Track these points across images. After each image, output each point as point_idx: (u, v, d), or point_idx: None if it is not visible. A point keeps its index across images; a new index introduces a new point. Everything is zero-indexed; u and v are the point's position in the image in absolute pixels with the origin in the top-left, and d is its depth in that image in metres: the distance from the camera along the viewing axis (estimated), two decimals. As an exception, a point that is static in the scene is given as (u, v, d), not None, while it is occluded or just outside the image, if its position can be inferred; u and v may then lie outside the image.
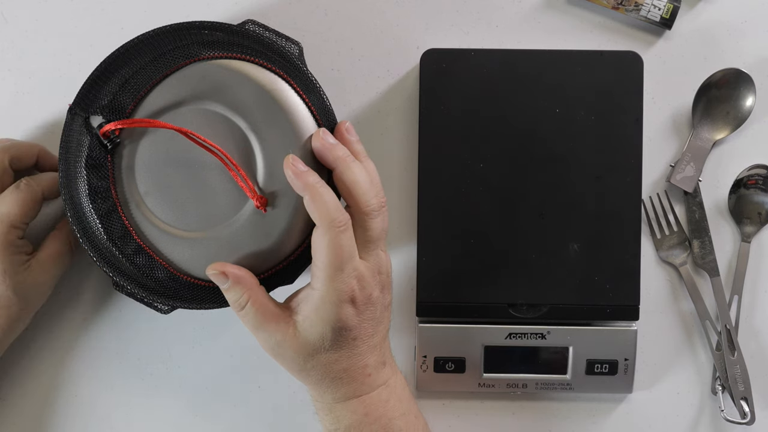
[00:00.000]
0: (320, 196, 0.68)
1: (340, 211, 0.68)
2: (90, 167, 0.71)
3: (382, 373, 0.73)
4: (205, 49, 0.72)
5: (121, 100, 0.71)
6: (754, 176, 0.83)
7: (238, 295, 0.70)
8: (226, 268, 0.70)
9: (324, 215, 0.68)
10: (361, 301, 0.70)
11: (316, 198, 0.68)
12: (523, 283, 0.81)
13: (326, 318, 0.69)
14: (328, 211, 0.68)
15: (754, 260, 0.84)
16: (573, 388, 0.82)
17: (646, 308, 0.83)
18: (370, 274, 0.70)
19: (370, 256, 0.71)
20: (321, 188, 0.68)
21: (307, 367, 0.71)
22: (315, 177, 0.69)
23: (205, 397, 0.85)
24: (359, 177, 0.70)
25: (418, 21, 0.84)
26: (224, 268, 0.70)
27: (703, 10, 0.83)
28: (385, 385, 0.73)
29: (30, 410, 0.84)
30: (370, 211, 0.70)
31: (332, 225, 0.68)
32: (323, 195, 0.68)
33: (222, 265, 0.70)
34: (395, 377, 0.75)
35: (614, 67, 0.80)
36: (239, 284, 0.70)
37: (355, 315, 0.70)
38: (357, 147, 0.72)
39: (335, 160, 0.70)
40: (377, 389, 0.73)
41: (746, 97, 0.83)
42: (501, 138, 0.81)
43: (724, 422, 0.83)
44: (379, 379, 0.73)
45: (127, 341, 0.84)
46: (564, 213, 0.81)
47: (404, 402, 0.75)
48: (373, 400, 0.73)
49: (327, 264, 0.68)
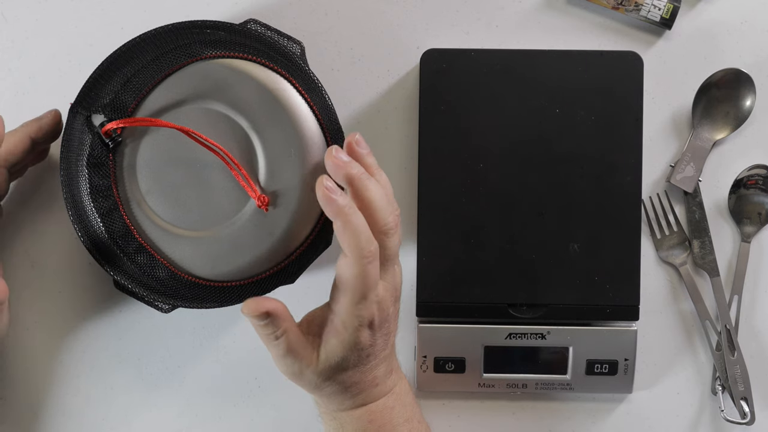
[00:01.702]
0: (351, 224, 0.66)
1: (370, 240, 0.67)
2: (91, 166, 0.71)
3: (389, 381, 0.73)
4: (207, 48, 0.72)
5: (123, 98, 0.71)
6: (754, 176, 0.83)
7: (275, 328, 0.69)
8: (264, 305, 0.68)
9: (355, 246, 0.66)
10: (379, 322, 0.70)
11: (347, 226, 0.66)
12: (523, 283, 0.81)
13: (346, 343, 0.69)
14: (359, 242, 0.66)
15: (754, 260, 0.84)
16: (573, 388, 0.82)
17: (646, 308, 0.83)
18: (388, 295, 0.70)
19: (387, 274, 0.70)
20: (352, 215, 0.66)
21: (322, 385, 0.71)
22: (346, 200, 0.66)
23: (205, 397, 0.85)
24: (375, 195, 0.68)
25: (418, 21, 0.84)
26: (261, 305, 0.68)
27: (703, 10, 0.84)
28: (391, 393, 0.74)
29: (30, 410, 0.84)
30: (387, 230, 0.69)
31: (362, 256, 0.66)
32: (354, 223, 0.66)
33: (258, 304, 0.68)
34: (401, 383, 0.75)
35: (614, 67, 0.80)
36: (278, 318, 0.69)
37: (371, 335, 0.70)
38: (369, 160, 0.70)
39: (350, 179, 0.68)
40: (383, 397, 0.73)
41: (746, 97, 0.83)
42: (501, 138, 0.81)
43: (724, 422, 0.83)
44: (385, 388, 0.73)
45: (127, 341, 0.84)
46: (564, 213, 0.81)
47: (408, 408, 0.75)
48: (379, 408, 0.73)
49: (352, 293, 0.67)
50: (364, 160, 0.70)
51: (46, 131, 0.76)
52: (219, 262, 0.73)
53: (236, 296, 0.74)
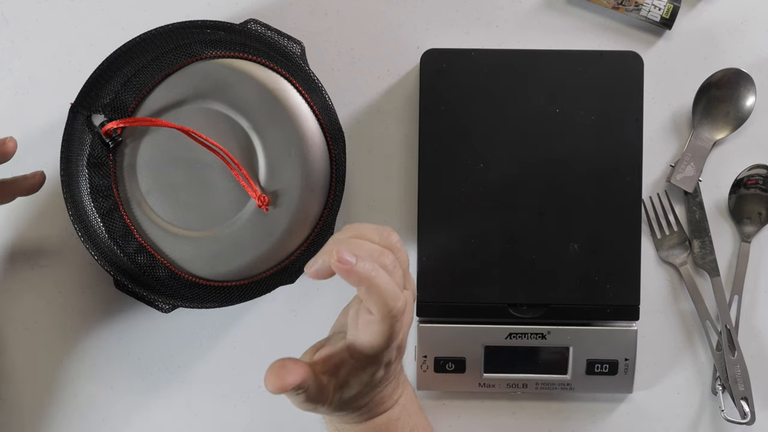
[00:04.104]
0: (377, 287, 0.61)
1: (398, 298, 0.62)
2: (92, 166, 0.71)
3: (395, 394, 0.73)
4: (207, 48, 0.72)
5: (123, 98, 0.71)
6: (754, 176, 0.83)
7: (296, 391, 0.64)
8: (288, 382, 0.62)
9: (383, 307, 0.62)
10: (396, 359, 0.68)
11: (372, 290, 0.61)
12: (523, 283, 0.81)
13: (364, 384, 0.67)
14: (387, 302, 0.62)
15: (754, 260, 0.84)
16: (573, 388, 0.82)
17: (646, 308, 0.83)
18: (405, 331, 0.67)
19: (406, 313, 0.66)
20: (376, 277, 0.61)
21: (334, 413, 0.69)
22: (367, 265, 0.61)
23: (205, 397, 0.85)
24: (386, 287, 0.62)
25: (418, 21, 0.84)
26: (285, 383, 0.62)
27: (703, 10, 0.84)
28: (396, 404, 0.73)
29: (30, 410, 0.84)
30: (398, 314, 0.63)
31: (390, 315, 0.62)
32: (380, 284, 0.61)
33: (281, 381, 0.62)
34: (406, 393, 0.74)
35: (614, 67, 0.80)
36: (300, 386, 0.63)
37: (387, 370, 0.68)
38: (392, 239, 0.65)
39: (359, 282, 0.61)
40: (388, 410, 0.72)
41: (746, 97, 0.83)
42: (501, 138, 0.81)
43: (724, 422, 0.83)
44: (391, 401, 0.72)
45: (127, 341, 0.84)
46: (564, 213, 0.81)
47: (413, 417, 0.75)
48: (383, 421, 0.72)
49: (376, 347, 0.64)
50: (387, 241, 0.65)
51: (30, 191, 0.76)
52: (219, 262, 0.73)
53: (236, 296, 0.74)
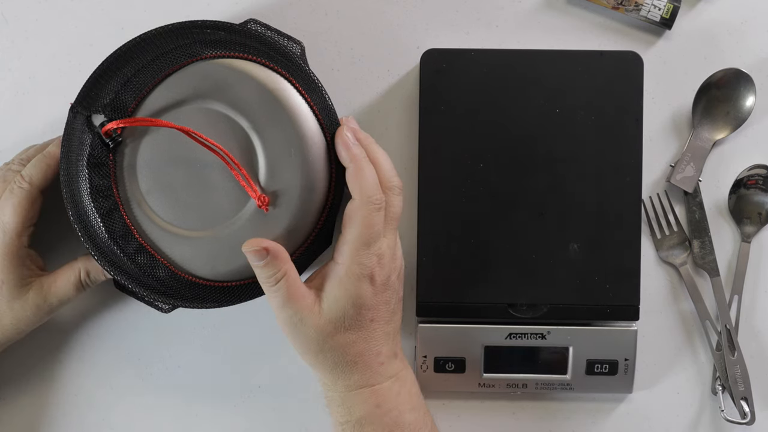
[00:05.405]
0: (362, 170, 0.71)
1: (378, 189, 0.72)
2: (92, 166, 0.71)
3: (394, 364, 0.74)
4: (207, 48, 0.72)
5: (123, 98, 0.71)
6: (754, 176, 0.83)
7: (275, 270, 0.70)
8: (265, 244, 0.70)
9: (364, 190, 0.71)
10: (380, 281, 0.72)
11: (359, 172, 0.71)
12: (523, 283, 0.81)
13: (348, 292, 0.71)
14: (368, 187, 0.71)
15: (754, 260, 0.84)
16: (573, 388, 0.82)
17: (646, 308, 0.83)
18: (389, 253, 0.73)
19: (389, 233, 0.73)
20: (365, 164, 0.72)
21: (324, 348, 0.72)
22: (362, 152, 0.73)
23: (205, 397, 0.85)
24: (383, 157, 0.74)
25: (418, 21, 0.84)
26: (262, 243, 0.70)
27: (703, 10, 0.84)
28: (396, 377, 0.74)
29: (29, 410, 0.84)
30: (393, 186, 0.73)
31: (370, 201, 0.71)
32: (366, 170, 0.71)
33: (259, 241, 0.70)
34: (406, 371, 0.76)
35: (614, 67, 0.80)
36: (277, 259, 0.70)
37: (374, 295, 0.72)
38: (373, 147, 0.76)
39: (350, 160, 0.72)
40: (389, 380, 0.73)
41: (746, 97, 0.83)
42: (501, 138, 0.81)
43: (724, 422, 0.83)
44: (390, 370, 0.74)
45: (127, 341, 0.84)
46: (564, 213, 0.81)
47: (414, 397, 0.75)
48: (385, 391, 0.73)
49: (356, 237, 0.71)
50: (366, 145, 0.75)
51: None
52: (219, 262, 0.73)
53: (236, 296, 0.74)
